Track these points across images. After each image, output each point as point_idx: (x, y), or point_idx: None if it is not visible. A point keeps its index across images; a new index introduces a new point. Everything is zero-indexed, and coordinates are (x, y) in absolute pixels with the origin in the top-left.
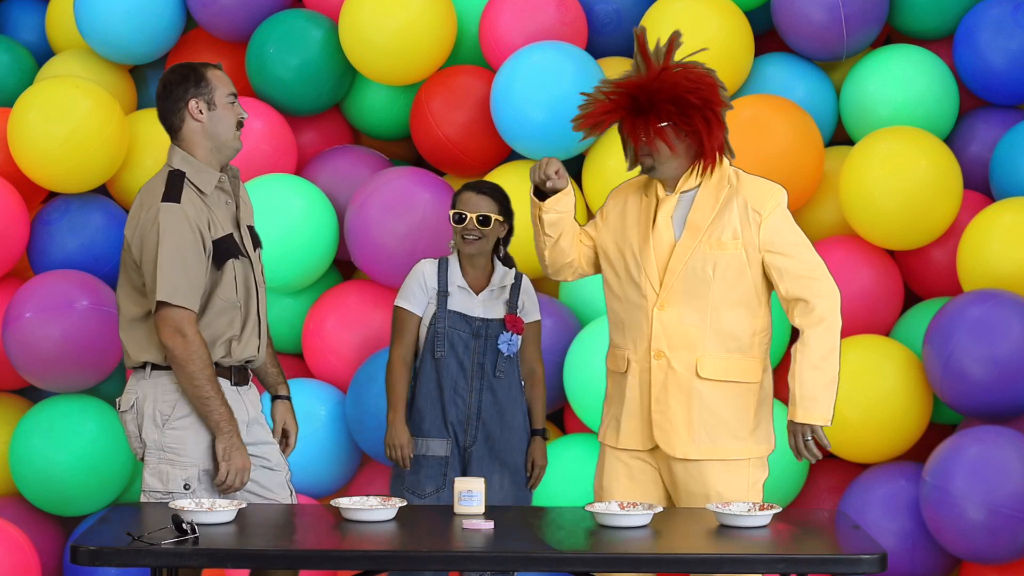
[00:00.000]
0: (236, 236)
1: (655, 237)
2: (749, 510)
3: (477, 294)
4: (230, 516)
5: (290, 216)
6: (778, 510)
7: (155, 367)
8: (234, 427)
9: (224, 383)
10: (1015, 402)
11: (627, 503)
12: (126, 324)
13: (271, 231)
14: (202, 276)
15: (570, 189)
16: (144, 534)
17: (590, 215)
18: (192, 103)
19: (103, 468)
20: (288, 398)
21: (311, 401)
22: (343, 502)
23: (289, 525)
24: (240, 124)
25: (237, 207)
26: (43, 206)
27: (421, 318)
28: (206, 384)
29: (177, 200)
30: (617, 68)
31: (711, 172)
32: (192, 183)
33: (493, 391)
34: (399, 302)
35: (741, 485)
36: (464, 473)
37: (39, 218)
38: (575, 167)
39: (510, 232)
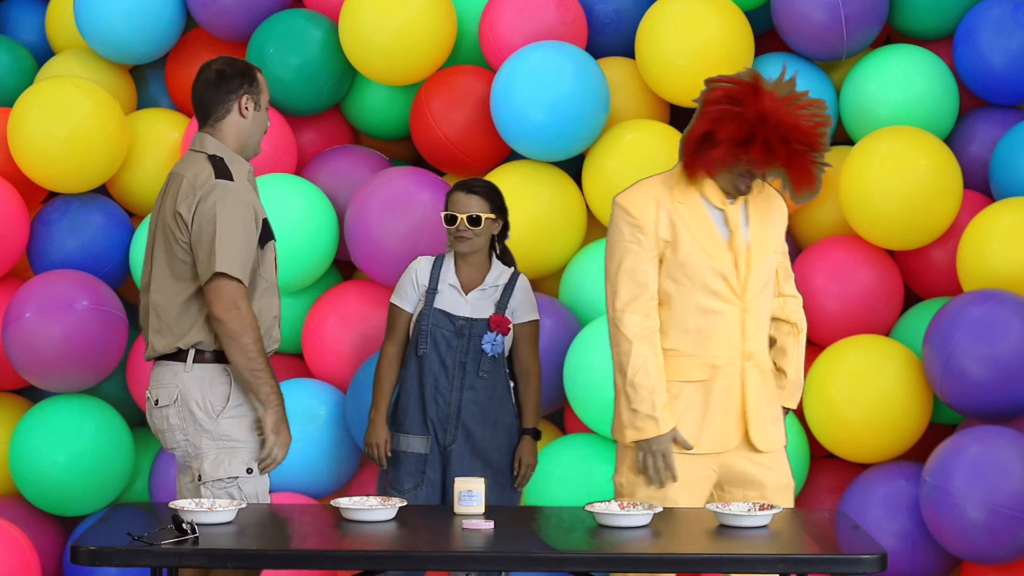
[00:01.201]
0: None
1: (734, 245)
2: (749, 510)
3: (468, 293)
4: (230, 516)
5: (290, 216)
6: (778, 510)
7: (197, 358)
8: (283, 401)
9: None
10: (1015, 402)
11: (627, 503)
12: (169, 312)
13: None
14: (253, 254)
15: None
16: (144, 534)
17: (590, 215)
18: (244, 99)
19: (103, 468)
20: None
21: (311, 401)
22: (343, 502)
23: (289, 525)
24: (264, 131)
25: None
26: (43, 206)
27: (412, 315)
28: (259, 356)
29: (231, 178)
30: (617, 68)
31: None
32: (236, 167)
33: (475, 390)
34: (392, 298)
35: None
36: (444, 471)
37: (39, 218)
38: (575, 167)
39: (506, 228)
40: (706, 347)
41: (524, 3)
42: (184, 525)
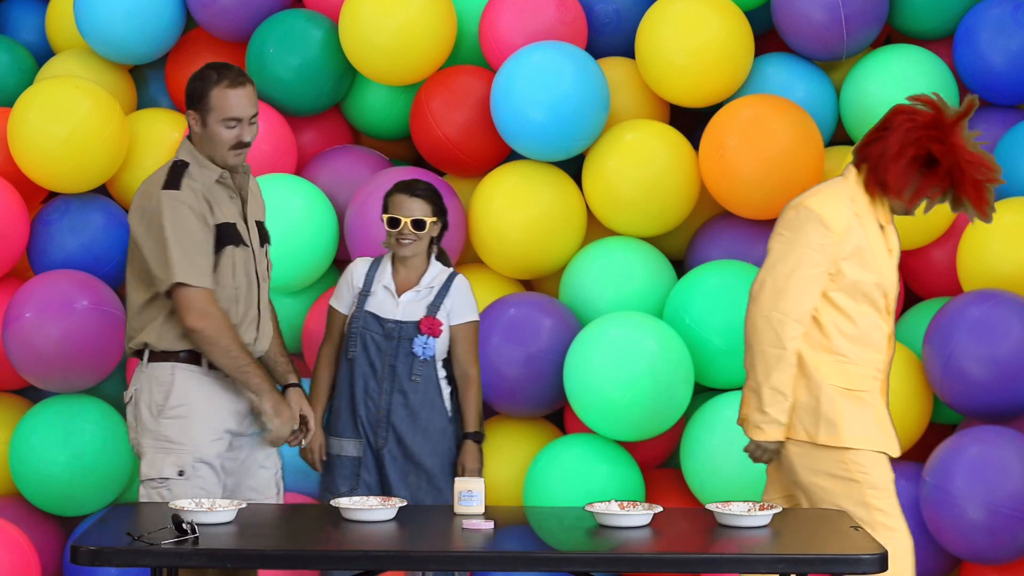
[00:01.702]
0: (241, 228)
1: (894, 263)
2: (749, 510)
3: (402, 295)
4: (230, 516)
5: (290, 216)
6: (778, 510)
7: (151, 357)
8: (273, 384)
9: (195, 368)
10: (1015, 402)
11: (627, 503)
12: (132, 311)
13: (271, 231)
14: (211, 257)
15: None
16: (144, 534)
17: (590, 215)
18: (191, 114)
19: (103, 468)
20: (299, 385)
21: None
22: (343, 502)
23: (289, 525)
24: (239, 145)
25: (244, 202)
26: (43, 206)
27: (347, 317)
28: (241, 353)
29: (177, 188)
30: (617, 68)
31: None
32: (193, 175)
33: (404, 394)
34: (331, 300)
35: None
36: (380, 474)
37: (39, 218)
38: (575, 167)
39: (444, 228)
40: (872, 358)
41: (524, 3)
42: (184, 525)
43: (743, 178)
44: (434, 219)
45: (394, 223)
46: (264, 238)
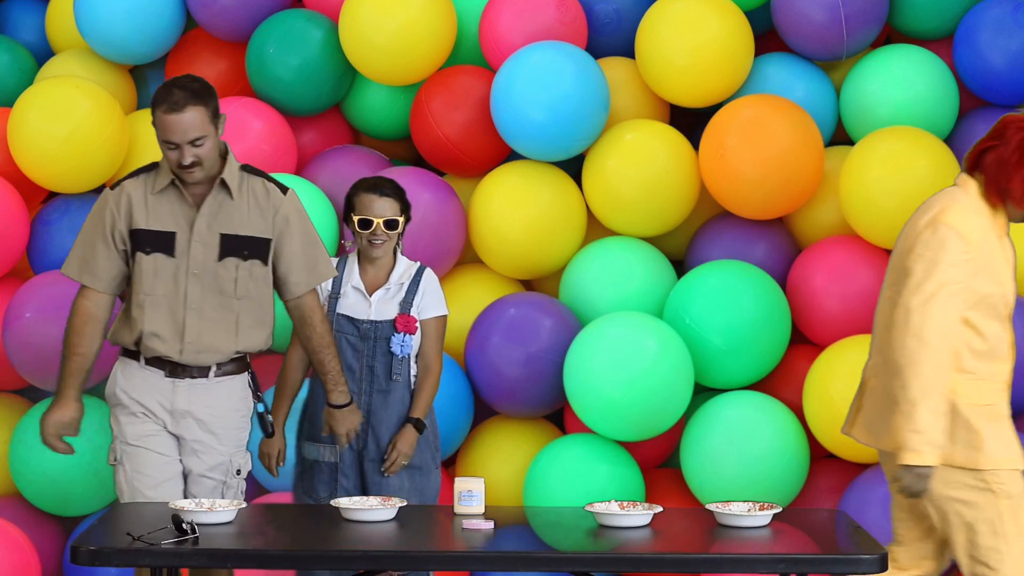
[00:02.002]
0: (182, 237)
1: (1012, 272)
2: (749, 510)
3: (372, 294)
4: (230, 516)
5: None
6: (778, 510)
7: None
8: (67, 400)
9: (133, 363)
10: (1015, 402)
11: (627, 503)
12: None
13: None
14: (102, 258)
15: None
16: (144, 534)
17: (590, 215)
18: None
19: (103, 468)
20: (338, 406)
21: None
22: (343, 502)
23: (289, 525)
24: (181, 167)
25: (198, 210)
26: (43, 206)
27: None
28: (67, 354)
29: (118, 185)
30: (617, 68)
31: None
32: (142, 177)
33: (385, 394)
34: None
35: None
36: (361, 478)
37: (39, 218)
38: (575, 167)
39: (408, 222)
40: (999, 370)
41: (524, 3)
42: (184, 525)
43: (743, 178)
44: (403, 217)
45: (366, 224)
46: (233, 251)
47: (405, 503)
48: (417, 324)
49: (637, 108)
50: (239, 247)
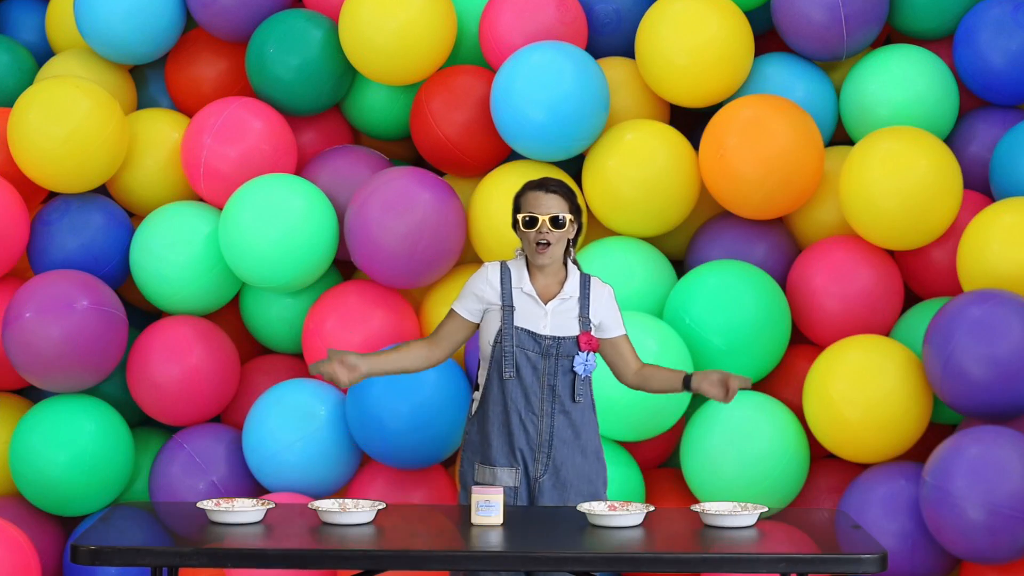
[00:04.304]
0: None
1: None
2: (732, 511)
3: (546, 303)
4: (257, 516)
5: (290, 216)
6: (764, 509)
7: None
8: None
9: None
10: (1015, 402)
11: (619, 503)
12: None
13: (271, 231)
14: None
15: None
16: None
17: (590, 215)
18: None
19: (103, 468)
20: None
21: (311, 401)
22: (324, 505)
23: (288, 525)
24: None
25: None
26: (43, 206)
27: (473, 326)
28: None
29: None
30: (617, 68)
31: None
32: None
33: (567, 414)
34: (454, 304)
35: None
36: (531, 503)
37: (39, 218)
38: (575, 167)
39: (579, 231)
40: None
41: (524, 3)
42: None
43: (743, 178)
44: (572, 217)
45: (531, 222)
46: None
47: (384, 505)
48: (597, 341)
49: (637, 108)
50: None
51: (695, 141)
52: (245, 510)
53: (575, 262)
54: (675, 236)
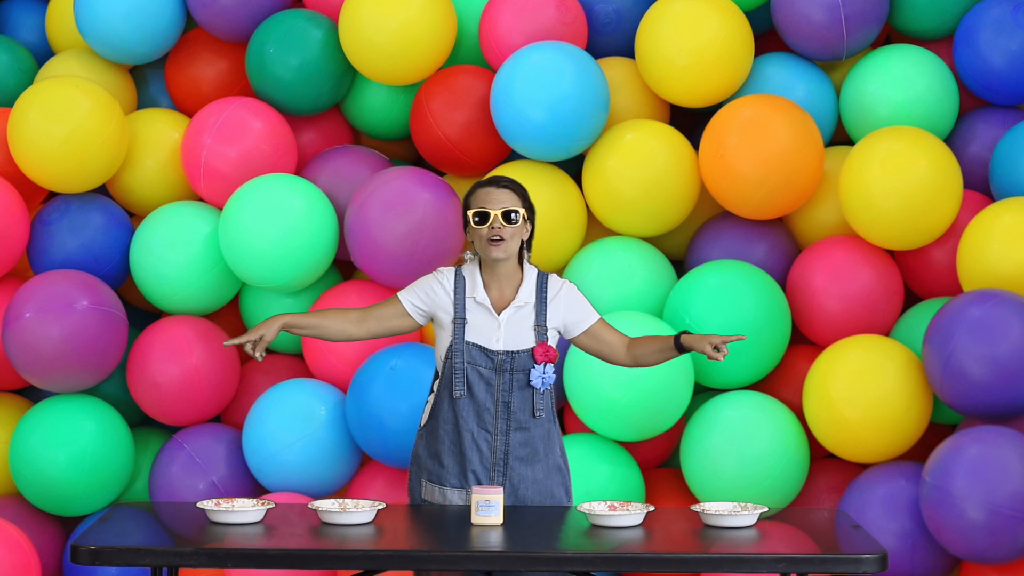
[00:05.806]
0: None
1: None
2: (732, 511)
3: (499, 313)
4: (257, 516)
5: (290, 216)
6: (764, 509)
7: None
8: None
9: None
10: (1015, 402)
11: (618, 503)
12: None
13: (271, 231)
14: None
15: None
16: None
17: (590, 215)
18: None
19: (103, 468)
20: None
21: (311, 401)
22: (324, 504)
23: (289, 525)
24: None
25: None
26: (43, 206)
27: (412, 323)
28: None
29: None
30: (617, 68)
31: None
32: None
33: (525, 430)
34: (400, 292)
35: None
36: None
37: (39, 218)
38: (575, 167)
39: (531, 232)
40: None
41: (524, 3)
42: None
43: (743, 178)
44: (524, 211)
45: (483, 217)
46: None
47: (384, 505)
48: (556, 351)
49: (637, 108)
50: None
51: (695, 141)
52: (245, 510)
53: (532, 263)
54: (675, 236)
